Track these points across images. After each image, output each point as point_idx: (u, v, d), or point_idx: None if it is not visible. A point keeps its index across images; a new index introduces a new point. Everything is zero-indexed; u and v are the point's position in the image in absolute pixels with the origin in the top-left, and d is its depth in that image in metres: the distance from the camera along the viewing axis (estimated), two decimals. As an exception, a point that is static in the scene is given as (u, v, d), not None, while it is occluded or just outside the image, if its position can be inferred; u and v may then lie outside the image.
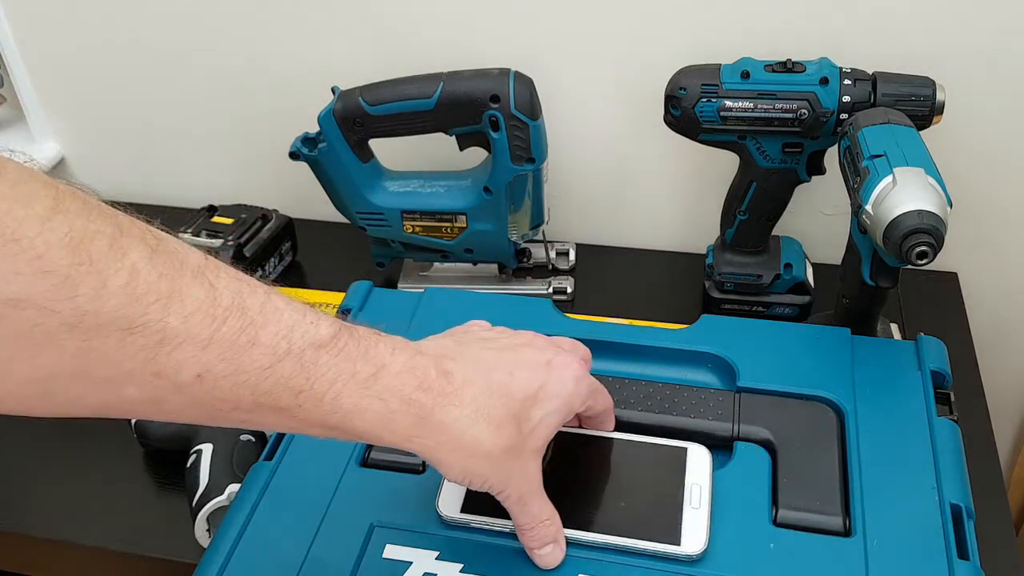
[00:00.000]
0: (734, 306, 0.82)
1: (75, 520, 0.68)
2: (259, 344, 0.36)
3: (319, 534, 0.51)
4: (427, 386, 0.41)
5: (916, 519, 0.50)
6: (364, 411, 0.39)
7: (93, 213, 0.33)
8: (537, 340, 0.50)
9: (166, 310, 0.33)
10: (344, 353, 0.39)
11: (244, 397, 0.36)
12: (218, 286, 0.36)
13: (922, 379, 0.58)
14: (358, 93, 0.78)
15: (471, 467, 0.43)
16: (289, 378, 0.37)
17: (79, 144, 1.07)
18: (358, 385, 0.39)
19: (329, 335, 0.39)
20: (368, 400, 0.39)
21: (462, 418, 0.42)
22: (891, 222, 0.56)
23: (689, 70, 0.73)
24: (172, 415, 0.37)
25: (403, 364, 0.41)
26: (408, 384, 0.41)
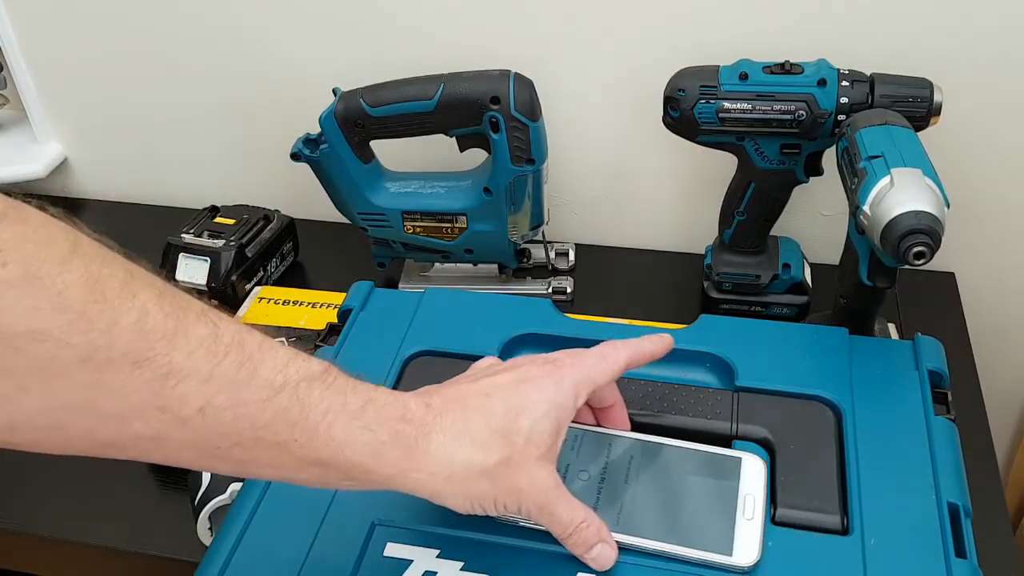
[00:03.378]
0: (732, 306, 0.83)
1: (77, 519, 0.68)
2: (257, 378, 0.38)
3: (320, 532, 0.51)
4: (409, 417, 0.43)
5: (914, 518, 0.50)
6: (355, 442, 0.41)
7: (107, 258, 0.36)
8: (520, 363, 0.50)
9: (172, 346, 0.36)
10: (335, 386, 0.41)
11: (244, 431, 0.38)
12: (220, 326, 0.38)
13: (919, 379, 0.59)
14: (359, 94, 0.78)
15: (473, 491, 0.44)
16: (286, 410, 0.39)
17: (82, 145, 1.07)
18: (349, 416, 0.41)
19: (321, 369, 0.41)
20: (359, 431, 0.41)
21: (446, 443, 0.43)
22: (889, 223, 0.56)
23: (688, 71, 0.73)
24: (172, 455, 0.38)
25: (387, 397, 0.43)
26: (393, 416, 0.42)
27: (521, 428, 0.45)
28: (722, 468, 0.52)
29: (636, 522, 0.49)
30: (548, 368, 0.48)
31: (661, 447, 0.53)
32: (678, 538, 0.48)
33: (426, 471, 0.43)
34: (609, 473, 0.52)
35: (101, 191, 1.10)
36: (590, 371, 0.49)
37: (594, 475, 0.52)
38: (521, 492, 0.45)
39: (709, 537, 0.48)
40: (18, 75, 1.01)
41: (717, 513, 0.50)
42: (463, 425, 0.44)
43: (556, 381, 0.48)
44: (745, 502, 0.50)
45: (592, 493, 0.51)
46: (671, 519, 0.49)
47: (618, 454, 0.53)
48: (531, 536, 0.50)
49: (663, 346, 0.54)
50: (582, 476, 0.52)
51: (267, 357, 0.39)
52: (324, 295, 0.85)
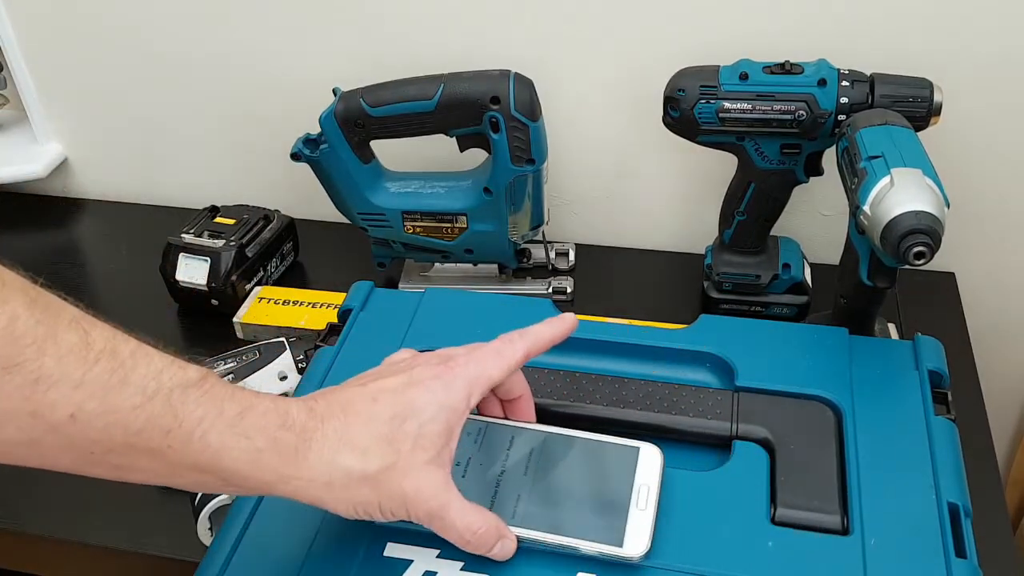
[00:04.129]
0: (733, 306, 0.83)
1: (78, 519, 0.68)
2: (129, 384, 0.38)
3: (320, 532, 0.51)
4: (289, 424, 0.43)
5: (914, 518, 0.50)
6: (231, 449, 0.41)
7: None
8: (415, 362, 0.50)
9: (42, 351, 0.36)
10: (212, 393, 0.41)
11: (116, 437, 0.38)
12: (92, 333, 0.38)
13: (919, 379, 0.59)
14: (359, 94, 0.78)
15: (355, 497, 0.44)
16: (159, 417, 0.39)
17: (82, 145, 1.07)
18: (225, 423, 0.41)
19: (197, 377, 0.41)
20: (235, 438, 0.41)
21: (325, 450, 0.43)
22: (889, 223, 0.56)
23: (688, 71, 0.73)
24: (49, 460, 0.38)
25: (267, 405, 0.43)
26: (272, 423, 0.42)
27: (407, 433, 0.45)
28: (619, 459, 0.52)
29: (532, 515, 0.49)
30: (439, 369, 0.48)
31: (563, 438, 0.53)
32: (571, 530, 0.48)
33: (305, 478, 0.43)
34: (509, 466, 0.52)
35: (101, 191, 1.10)
36: (485, 368, 0.49)
37: (495, 468, 0.52)
38: (407, 499, 0.45)
39: (601, 529, 0.48)
40: (18, 75, 1.01)
41: (611, 504, 0.50)
42: (344, 432, 0.44)
43: (446, 383, 0.47)
44: (639, 492, 0.50)
45: (491, 487, 0.51)
46: (566, 511, 0.50)
47: (520, 446, 0.53)
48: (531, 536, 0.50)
49: (564, 328, 0.53)
50: (482, 470, 0.52)
51: (140, 364, 0.39)
52: (324, 295, 0.85)
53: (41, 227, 1.05)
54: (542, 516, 0.49)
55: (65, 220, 1.06)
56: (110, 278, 0.97)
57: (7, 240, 1.03)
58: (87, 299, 0.40)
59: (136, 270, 0.94)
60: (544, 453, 0.53)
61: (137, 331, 0.41)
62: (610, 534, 0.48)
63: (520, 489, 0.51)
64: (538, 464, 0.52)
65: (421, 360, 0.50)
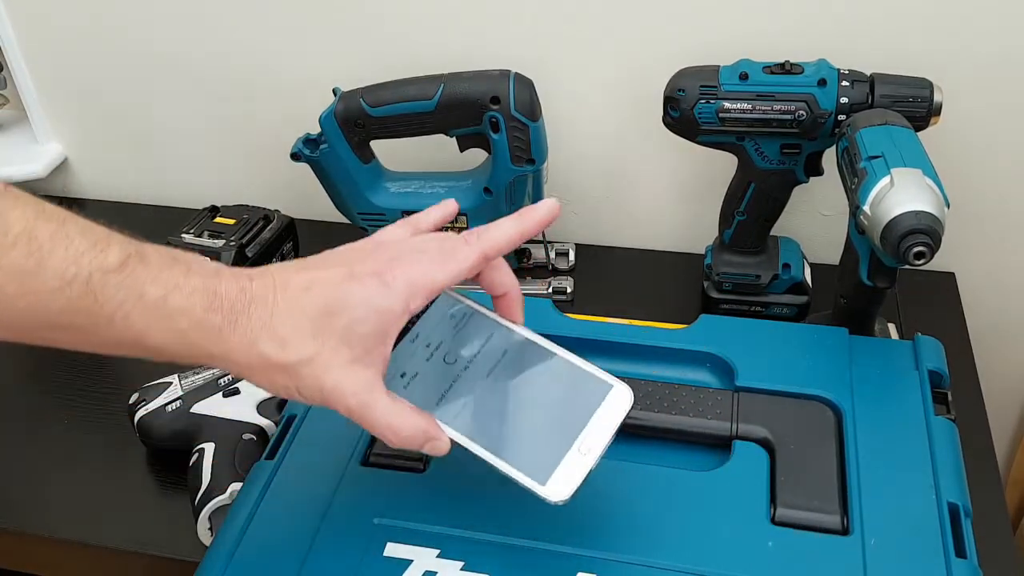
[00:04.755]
0: (732, 306, 0.83)
1: (78, 519, 0.68)
2: (46, 268, 0.39)
3: (320, 532, 0.51)
4: (216, 306, 0.43)
5: (914, 518, 0.50)
6: (156, 330, 0.42)
7: None
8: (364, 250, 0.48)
9: None
10: (134, 276, 0.41)
11: (39, 317, 0.40)
12: (9, 217, 0.39)
13: (920, 379, 0.59)
14: (359, 94, 0.78)
15: (275, 382, 0.44)
16: (77, 300, 0.40)
17: (82, 145, 1.07)
18: (147, 306, 0.41)
19: (117, 261, 0.41)
20: (159, 320, 0.42)
21: (247, 335, 0.43)
22: (889, 223, 0.56)
23: (688, 71, 0.73)
24: None
25: (195, 286, 0.43)
26: (198, 305, 0.42)
27: (334, 329, 0.44)
28: (586, 392, 0.47)
29: (473, 424, 0.47)
30: (384, 265, 0.45)
31: (540, 351, 0.49)
32: (503, 452, 0.46)
33: (229, 359, 0.44)
34: (476, 363, 0.48)
35: (101, 191, 1.10)
36: (429, 273, 0.45)
37: (461, 362, 0.49)
38: (325, 393, 0.44)
39: (532, 461, 0.45)
40: (18, 75, 1.01)
41: (554, 439, 0.46)
42: (268, 319, 0.43)
43: (386, 283, 0.44)
44: (588, 435, 0.45)
45: (448, 380, 0.48)
46: (507, 430, 0.46)
47: (494, 345, 0.49)
48: (532, 536, 0.50)
49: (534, 219, 0.49)
50: (448, 359, 0.49)
51: (58, 248, 0.40)
52: (324, 295, 0.85)
53: (41, 227, 1.05)
54: (482, 428, 0.46)
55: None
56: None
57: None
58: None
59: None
60: (515, 360, 0.48)
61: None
62: (538, 470, 0.45)
63: (474, 391, 0.48)
64: (504, 370, 0.48)
65: (370, 248, 0.48)
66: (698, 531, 0.50)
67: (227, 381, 0.71)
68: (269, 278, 0.45)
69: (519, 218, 0.49)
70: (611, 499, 0.52)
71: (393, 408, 0.45)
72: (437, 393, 0.48)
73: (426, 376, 0.47)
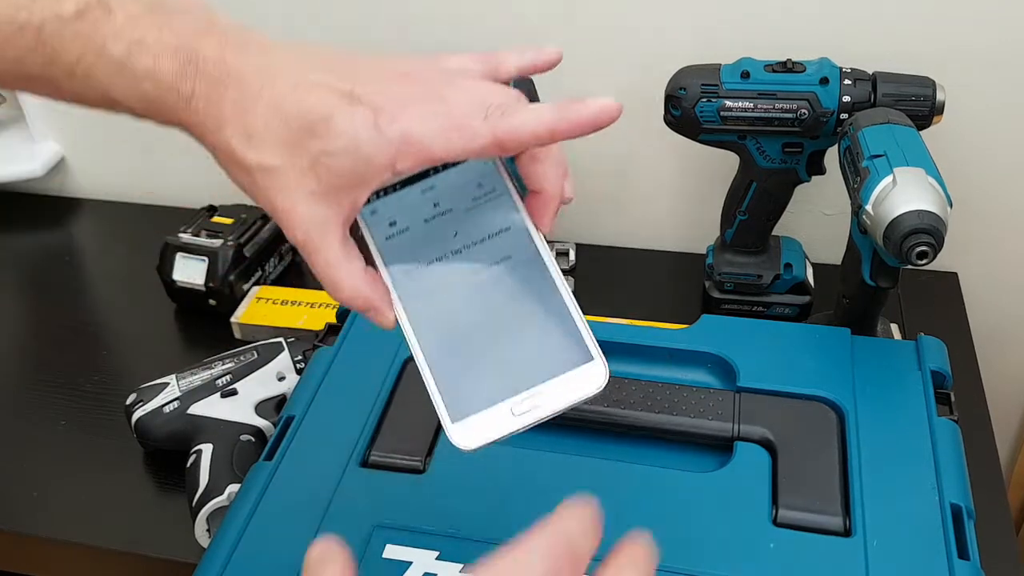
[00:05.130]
0: (734, 306, 0.82)
1: (75, 520, 0.68)
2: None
3: (319, 534, 0.51)
4: (190, 74, 0.38)
5: (916, 519, 0.50)
6: (119, 90, 0.39)
7: None
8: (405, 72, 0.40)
9: None
10: (95, 27, 0.37)
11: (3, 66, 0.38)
12: None
13: (922, 379, 0.58)
14: (358, 93, 0.78)
15: (231, 172, 0.41)
16: (32, 49, 0.37)
17: (79, 144, 1.07)
18: (107, 64, 0.38)
19: (74, 9, 0.37)
20: (122, 80, 0.38)
21: (218, 116, 0.39)
22: (891, 222, 0.56)
23: (689, 70, 0.73)
24: None
25: (167, 45, 0.38)
26: (166, 69, 0.38)
27: (306, 149, 0.38)
28: (561, 349, 0.40)
29: (427, 316, 0.40)
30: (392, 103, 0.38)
31: (543, 277, 0.41)
32: (437, 366, 0.39)
33: (198, 131, 0.40)
34: (472, 250, 0.41)
35: (98, 190, 1.09)
36: (429, 137, 0.37)
37: (459, 238, 0.41)
38: (275, 212, 0.40)
39: (460, 392, 0.39)
40: (16, 74, 1.00)
41: (497, 382, 0.39)
42: (239, 109, 0.38)
43: (379, 127, 0.37)
44: (532, 398, 0.38)
45: (433, 252, 0.41)
46: (455, 344, 0.40)
47: (501, 243, 0.42)
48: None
49: (573, 117, 0.40)
50: (447, 230, 0.41)
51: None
52: (323, 295, 0.85)
53: (38, 227, 1.05)
54: (433, 326, 0.40)
55: (62, 219, 1.06)
56: (107, 278, 0.96)
57: (4, 239, 1.03)
58: (83, 299, 0.40)
59: (133, 270, 0.94)
60: (512, 271, 0.41)
61: (134, 332, 0.41)
62: (459, 404, 0.38)
63: (449, 281, 0.41)
64: (494, 276, 0.41)
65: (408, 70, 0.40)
66: (699, 532, 0.50)
67: (225, 382, 0.71)
68: (263, 57, 0.39)
69: (559, 109, 0.39)
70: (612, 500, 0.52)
71: (342, 261, 0.39)
72: (415, 261, 0.41)
73: (415, 237, 0.41)
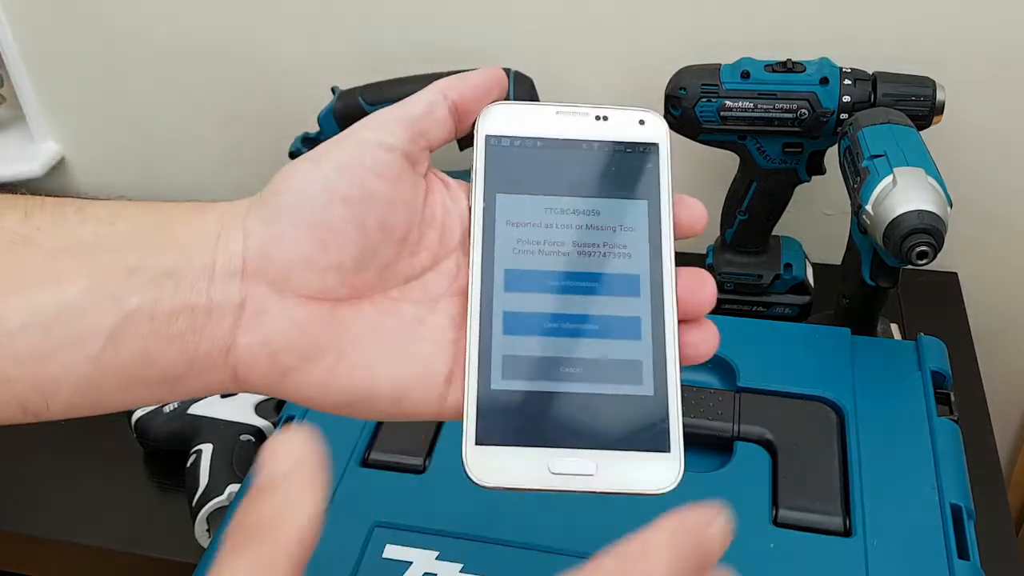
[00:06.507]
0: (734, 306, 0.82)
1: (75, 520, 0.68)
2: None
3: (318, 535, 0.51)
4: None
5: (916, 519, 0.50)
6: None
7: None
8: None
9: None
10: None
11: None
12: None
13: (922, 379, 0.58)
14: (358, 93, 0.78)
15: None
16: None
17: (79, 144, 1.07)
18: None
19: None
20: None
21: None
22: (891, 222, 0.56)
23: (689, 70, 0.73)
24: None
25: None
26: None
27: None
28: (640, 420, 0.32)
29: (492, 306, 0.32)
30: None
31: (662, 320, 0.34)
32: (483, 369, 0.31)
33: None
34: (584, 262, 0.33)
35: (98, 190, 1.09)
36: None
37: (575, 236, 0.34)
38: None
39: (496, 415, 0.31)
40: (15, 74, 1.00)
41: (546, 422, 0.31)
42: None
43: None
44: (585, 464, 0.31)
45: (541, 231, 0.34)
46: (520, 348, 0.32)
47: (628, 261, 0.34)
48: (532, 538, 0.49)
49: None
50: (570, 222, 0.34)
51: None
52: (323, 295, 0.85)
53: (39, 226, 1.05)
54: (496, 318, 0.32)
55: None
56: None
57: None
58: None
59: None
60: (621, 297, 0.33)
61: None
62: (490, 427, 0.30)
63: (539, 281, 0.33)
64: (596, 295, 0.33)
65: None
66: (699, 533, 0.50)
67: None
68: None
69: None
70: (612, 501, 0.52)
71: None
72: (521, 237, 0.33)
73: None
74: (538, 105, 0.36)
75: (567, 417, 0.31)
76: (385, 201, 0.32)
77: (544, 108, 0.35)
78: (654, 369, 0.33)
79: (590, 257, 0.33)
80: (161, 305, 0.30)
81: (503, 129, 0.35)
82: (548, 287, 0.33)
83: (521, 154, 0.35)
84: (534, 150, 0.35)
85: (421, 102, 0.35)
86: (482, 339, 0.32)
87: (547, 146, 0.35)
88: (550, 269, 0.33)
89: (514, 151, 0.35)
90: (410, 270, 0.33)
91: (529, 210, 0.34)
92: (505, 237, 0.33)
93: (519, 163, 0.35)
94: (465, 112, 0.36)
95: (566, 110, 0.35)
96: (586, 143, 0.35)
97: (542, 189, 0.34)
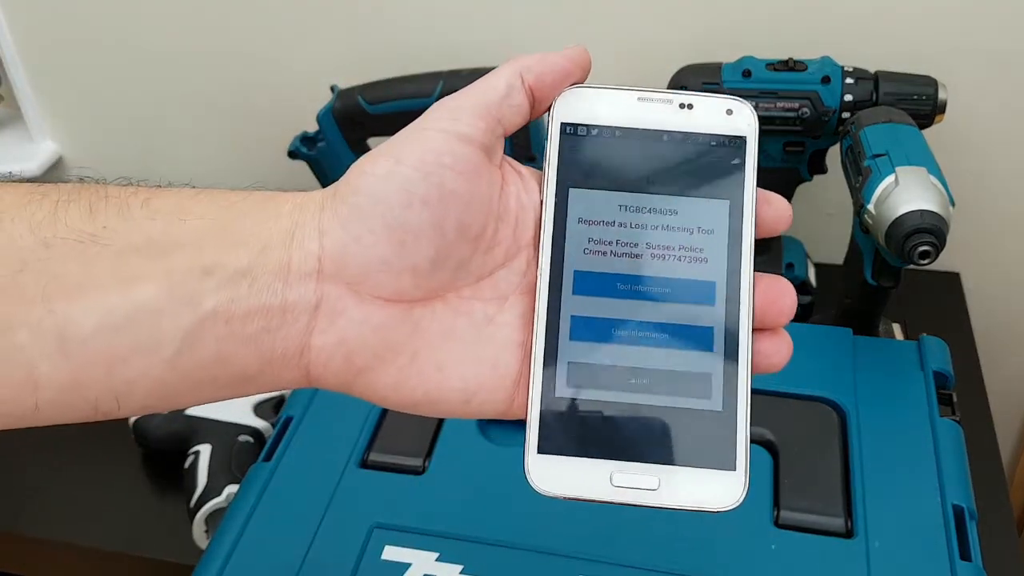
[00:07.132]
0: (735, 306, 0.82)
1: (73, 521, 0.68)
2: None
3: (318, 535, 0.50)
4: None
5: (918, 520, 0.50)
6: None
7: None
8: None
9: None
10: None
11: None
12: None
13: (924, 380, 0.58)
14: (357, 92, 0.78)
15: None
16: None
17: (77, 144, 1.07)
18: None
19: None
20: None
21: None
22: (893, 221, 0.56)
23: (690, 68, 0.73)
24: None
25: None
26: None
27: None
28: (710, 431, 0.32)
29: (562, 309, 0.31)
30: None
31: (737, 334, 0.33)
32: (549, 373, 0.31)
33: None
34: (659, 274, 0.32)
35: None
36: None
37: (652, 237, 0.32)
38: None
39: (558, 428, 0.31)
40: (13, 73, 1.00)
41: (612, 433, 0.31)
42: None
43: None
44: (650, 477, 0.31)
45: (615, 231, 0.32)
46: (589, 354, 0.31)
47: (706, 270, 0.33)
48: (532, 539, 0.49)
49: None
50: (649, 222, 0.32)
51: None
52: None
53: (38, 226, 1.05)
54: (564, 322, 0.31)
55: None
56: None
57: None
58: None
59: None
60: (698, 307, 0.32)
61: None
62: (554, 436, 0.30)
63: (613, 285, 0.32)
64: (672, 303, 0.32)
65: None
66: (700, 534, 0.49)
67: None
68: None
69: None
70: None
71: None
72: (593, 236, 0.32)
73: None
74: (619, 90, 0.33)
75: (631, 429, 0.31)
76: (464, 200, 0.31)
77: (625, 94, 0.33)
78: (724, 383, 0.32)
79: (664, 261, 0.32)
80: (237, 306, 0.29)
81: (579, 117, 0.33)
82: (618, 292, 0.32)
83: (597, 145, 0.33)
84: (612, 140, 0.33)
85: (500, 85, 0.33)
86: (548, 344, 0.31)
87: (625, 136, 0.33)
88: (621, 272, 0.32)
89: (590, 141, 0.33)
90: (483, 268, 0.32)
91: (602, 207, 0.32)
92: (576, 236, 0.32)
93: (594, 155, 0.33)
94: (542, 97, 0.34)
95: (648, 95, 0.33)
96: (667, 134, 0.33)
97: (618, 184, 0.33)
